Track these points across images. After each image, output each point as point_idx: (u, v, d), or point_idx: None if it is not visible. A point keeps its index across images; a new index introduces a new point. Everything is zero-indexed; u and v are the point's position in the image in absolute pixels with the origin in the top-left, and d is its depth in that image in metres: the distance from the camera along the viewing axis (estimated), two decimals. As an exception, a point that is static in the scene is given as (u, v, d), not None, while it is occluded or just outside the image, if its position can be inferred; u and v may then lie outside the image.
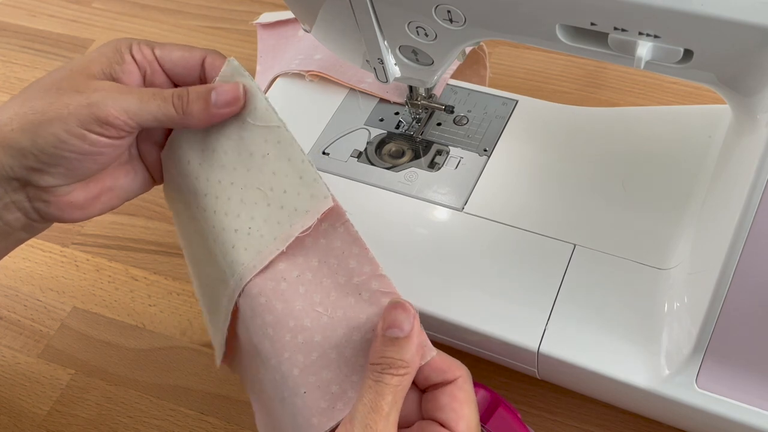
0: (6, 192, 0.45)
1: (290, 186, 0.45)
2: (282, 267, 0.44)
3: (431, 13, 0.46)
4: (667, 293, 0.49)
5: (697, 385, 0.46)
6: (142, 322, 0.65)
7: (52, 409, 0.61)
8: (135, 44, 0.47)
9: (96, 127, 0.43)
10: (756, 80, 0.40)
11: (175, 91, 0.45)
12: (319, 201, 0.44)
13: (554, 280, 0.52)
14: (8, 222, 0.46)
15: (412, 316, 0.41)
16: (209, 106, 0.45)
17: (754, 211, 0.40)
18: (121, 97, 0.44)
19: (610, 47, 0.42)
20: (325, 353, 0.43)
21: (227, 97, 0.45)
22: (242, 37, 0.86)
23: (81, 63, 0.46)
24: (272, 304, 0.44)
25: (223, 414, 0.59)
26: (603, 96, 0.74)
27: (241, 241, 0.45)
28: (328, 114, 0.64)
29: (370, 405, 0.39)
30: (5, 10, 0.94)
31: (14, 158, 0.44)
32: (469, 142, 0.60)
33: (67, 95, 0.44)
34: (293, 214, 0.44)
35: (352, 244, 0.44)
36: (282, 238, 0.44)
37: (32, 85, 0.46)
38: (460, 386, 0.41)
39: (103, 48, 0.47)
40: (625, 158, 0.57)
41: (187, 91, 0.45)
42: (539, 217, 0.55)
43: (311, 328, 0.43)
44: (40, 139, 0.43)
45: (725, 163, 0.48)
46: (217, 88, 0.45)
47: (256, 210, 0.45)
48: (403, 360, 0.40)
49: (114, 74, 0.46)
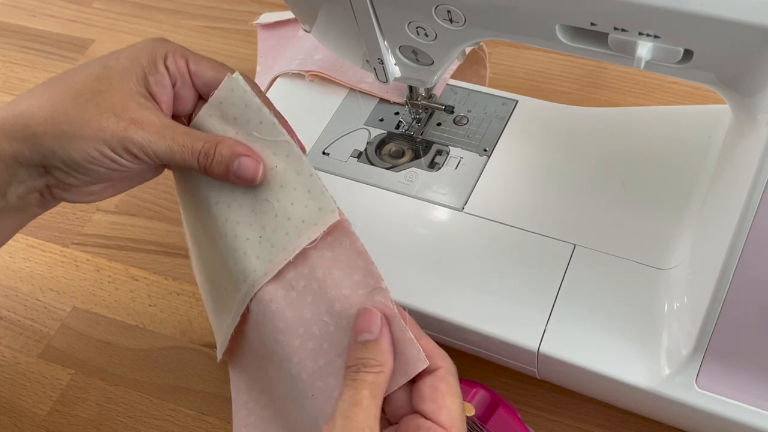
0: (30, 176, 0.47)
1: (298, 199, 0.46)
2: (291, 276, 0.46)
3: (431, 13, 0.46)
4: (667, 293, 0.49)
5: (697, 385, 0.46)
6: (142, 322, 0.65)
7: (52, 409, 0.61)
8: (171, 55, 0.48)
9: (126, 155, 0.46)
10: (756, 80, 0.40)
11: (203, 148, 0.46)
12: (326, 214, 0.46)
13: (554, 280, 0.52)
14: (27, 201, 0.48)
15: (379, 319, 0.43)
16: (229, 173, 0.47)
17: (754, 211, 0.40)
18: (155, 140, 0.46)
19: (610, 47, 0.42)
20: (331, 360, 0.45)
21: (246, 174, 0.47)
22: (242, 37, 0.86)
23: (119, 68, 0.47)
24: (283, 311, 0.46)
25: (223, 414, 0.59)
26: (603, 96, 0.74)
27: (253, 249, 0.47)
28: (328, 114, 0.64)
29: (349, 400, 0.40)
30: (5, 10, 0.94)
31: (44, 157, 0.46)
32: (469, 142, 0.60)
33: (105, 117, 0.45)
34: (301, 226, 0.46)
35: (357, 258, 0.46)
36: (290, 248, 0.46)
37: (67, 81, 0.47)
38: (441, 377, 0.42)
39: (140, 51, 0.48)
40: (625, 158, 0.57)
41: (214, 152, 0.47)
42: (539, 217, 0.55)
43: (319, 336, 0.45)
44: (73, 152, 0.45)
45: (725, 163, 0.48)
46: (240, 159, 0.46)
47: (266, 220, 0.47)
48: (375, 359, 0.42)
49: (147, 86, 0.47)
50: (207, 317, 0.65)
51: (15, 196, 0.47)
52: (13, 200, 0.47)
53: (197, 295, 0.66)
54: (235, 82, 0.48)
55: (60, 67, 0.87)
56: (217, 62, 0.49)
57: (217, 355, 0.52)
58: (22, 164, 0.46)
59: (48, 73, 0.86)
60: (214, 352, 0.63)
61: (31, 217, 0.50)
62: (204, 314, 0.65)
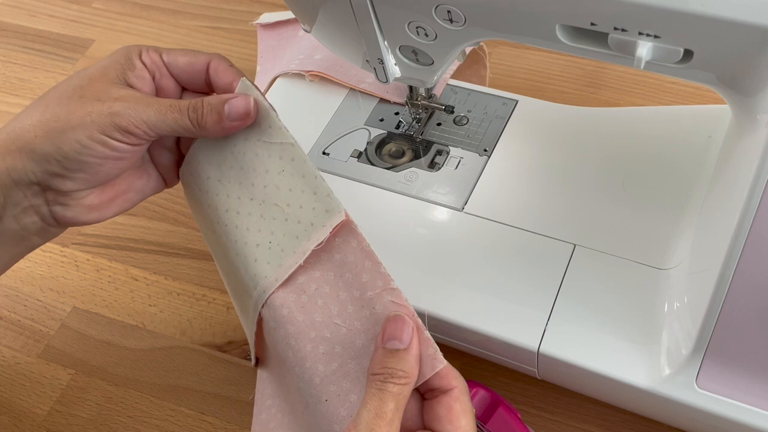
0: (26, 197, 0.47)
1: (305, 201, 0.47)
2: (302, 280, 0.46)
3: (431, 13, 0.46)
4: (667, 293, 0.49)
5: (697, 385, 0.46)
6: (142, 322, 0.65)
7: (52, 409, 0.61)
8: (144, 50, 0.49)
9: (117, 134, 0.46)
10: (756, 80, 0.40)
11: (191, 103, 0.47)
12: (333, 215, 0.46)
13: (554, 280, 0.52)
14: (25, 226, 0.48)
15: (411, 329, 0.42)
16: (222, 118, 0.47)
17: (754, 211, 0.40)
18: (141, 108, 0.46)
19: (610, 47, 0.42)
20: (344, 363, 0.45)
21: (239, 111, 0.47)
22: (242, 37, 0.86)
23: (97, 69, 0.48)
24: (294, 315, 0.46)
25: (223, 414, 0.59)
26: (603, 96, 0.74)
27: (263, 255, 0.47)
28: (328, 114, 0.64)
29: (375, 411, 0.40)
30: (5, 10, 0.94)
31: (38, 164, 0.45)
32: (469, 142, 0.60)
33: (90, 103, 0.45)
34: (309, 229, 0.46)
35: (365, 259, 0.45)
36: (300, 252, 0.46)
37: (51, 92, 0.48)
38: (456, 397, 0.42)
39: (114, 55, 0.49)
40: (625, 158, 0.57)
41: (202, 103, 0.47)
42: (539, 217, 0.55)
43: (331, 339, 0.45)
44: (64, 145, 0.45)
45: (725, 163, 0.48)
46: (230, 101, 0.47)
47: (275, 225, 0.47)
48: (404, 370, 0.41)
49: (128, 80, 0.48)
50: (207, 317, 0.65)
51: (12, 219, 0.47)
52: (11, 224, 0.47)
53: (197, 295, 0.66)
54: (246, 86, 0.48)
55: (60, 67, 0.87)
56: (189, 50, 0.50)
57: (251, 362, 0.52)
58: (17, 183, 0.46)
59: (48, 73, 0.86)
60: (214, 352, 0.63)
61: (31, 248, 0.50)
62: (204, 314, 0.65)
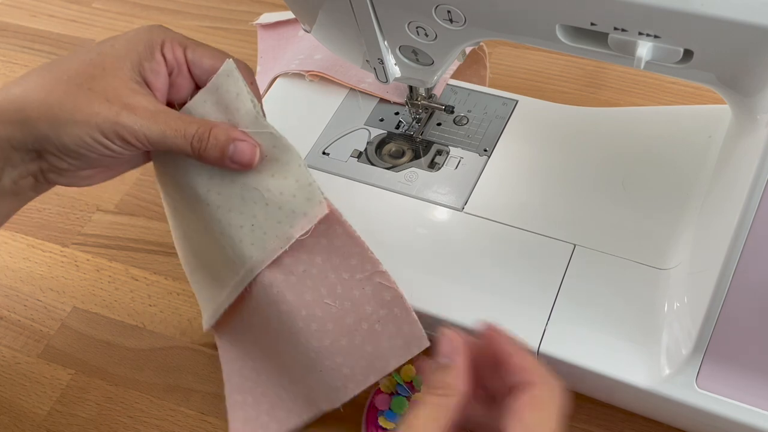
0: (23, 161, 0.47)
1: (286, 188, 0.47)
2: (288, 262, 0.47)
3: (431, 13, 0.46)
4: (667, 293, 0.49)
5: (697, 385, 0.46)
6: (142, 322, 0.65)
7: (52, 409, 0.61)
8: (168, 43, 0.47)
9: (118, 141, 0.45)
10: (756, 80, 0.40)
11: (197, 132, 0.46)
12: (315, 205, 0.46)
13: (554, 280, 0.52)
14: (21, 185, 0.48)
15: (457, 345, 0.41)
16: (224, 157, 0.46)
17: (754, 211, 0.40)
18: (147, 125, 0.45)
19: (610, 47, 0.42)
20: (336, 340, 0.47)
21: (243, 158, 0.46)
22: (242, 37, 0.86)
23: (115, 52, 0.46)
24: (284, 295, 0.47)
25: (223, 414, 0.59)
26: (603, 96, 0.74)
27: (247, 236, 0.48)
28: (328, 114, 0.64)
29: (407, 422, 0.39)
30: (5, 10, 0.94)
31: (37, 141, 0.46)
32: (469, 142, 0.60)
33: (98, 102, 0.45)
34: (291, 216, 0.47)
35: (352, 244, 0.47)
36: (283, 237, 0.47)
37: (59, 66, 0.46)
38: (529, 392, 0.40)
39: (137, 37, 0.47)
40: (625, 158, 0.57)
41: (208, 136, 0.46)
42: (539, 217, 0.55)
43: (323, 317, 0.47)
44: (65, 137, 0.45)
45: (725, 163, 0.48)
46: (236, 143, 0.46)
47: (257, 209, 0.47)
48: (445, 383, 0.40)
49: (143, 72, 0.47)
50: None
51: (9, 180, 0.47)
52: (7, 184, 0.48)
53: (197, 295, 0.66)
54: (231, 69, 0.48)
55: (60, 67, 0.87)
56: (216, 50, 0.49)
57: (203, 325, 0.54)
58: (15, 148, 0.46)
59: (48, 73, 0.86)
60: (214, 352, 0.63)
61: (25, 201, 0.50)
62: (204, 314, 0.65)
